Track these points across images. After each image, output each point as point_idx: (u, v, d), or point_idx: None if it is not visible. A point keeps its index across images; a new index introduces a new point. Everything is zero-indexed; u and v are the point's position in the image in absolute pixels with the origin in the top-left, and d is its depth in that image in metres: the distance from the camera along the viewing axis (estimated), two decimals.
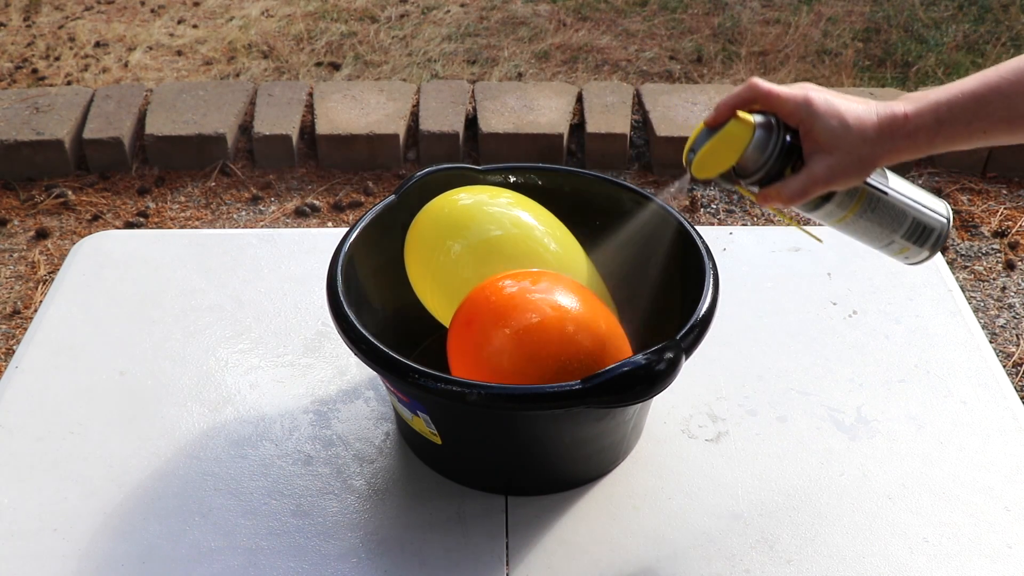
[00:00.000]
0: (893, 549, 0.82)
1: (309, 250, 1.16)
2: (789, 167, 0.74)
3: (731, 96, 0.75)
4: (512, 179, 0.98)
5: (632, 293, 0.96)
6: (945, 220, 0.80)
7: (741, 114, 0.74)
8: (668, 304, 0.90)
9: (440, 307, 0.89)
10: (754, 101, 0.75)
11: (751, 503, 0.86)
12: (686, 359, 0.75)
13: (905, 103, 0.73)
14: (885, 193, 0.77)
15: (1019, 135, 0.72)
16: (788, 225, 0.82)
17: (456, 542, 0.83)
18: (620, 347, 0.82)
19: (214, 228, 2.29)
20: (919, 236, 0.80)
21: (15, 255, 2.24)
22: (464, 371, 0.81)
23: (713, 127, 0.75)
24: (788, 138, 0.74)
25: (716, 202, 2.38)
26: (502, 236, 0.87)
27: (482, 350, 0.80)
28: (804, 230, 0.86)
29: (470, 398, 0.73)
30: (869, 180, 0.77)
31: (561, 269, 0.87)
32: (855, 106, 0.73)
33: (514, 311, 0.80)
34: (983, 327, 1.96)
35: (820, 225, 0.81)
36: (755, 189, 0.77)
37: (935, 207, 0.80)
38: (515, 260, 0.86)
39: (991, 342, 1.98)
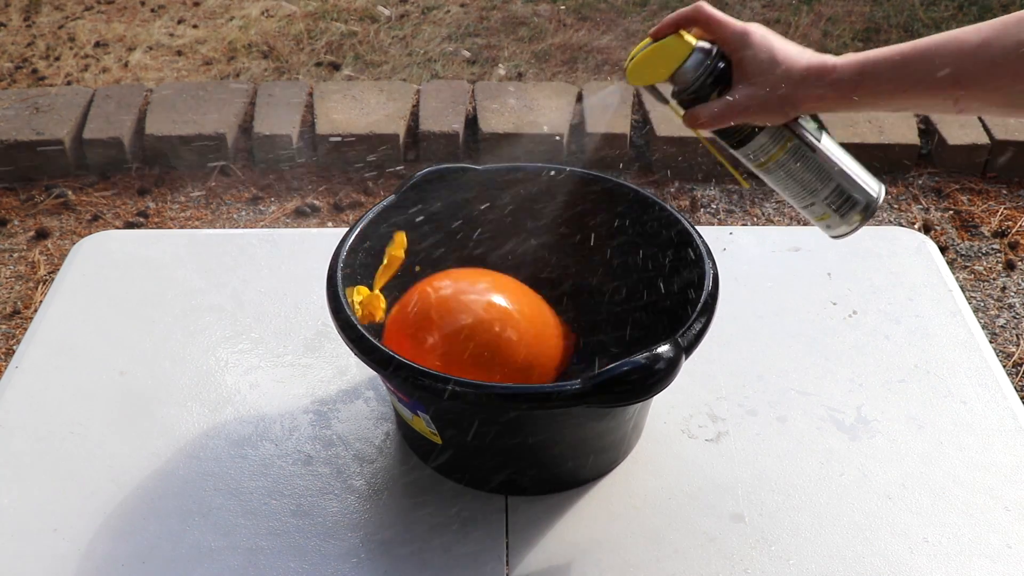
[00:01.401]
0: (893, 549, 0.82)
1: (309, 250, 1.16)
2: (717, 93, 0.78)
3: (677, 13, 0.79)
4: (512, 179, 0.97)
5: (631, 293, 0.96)
6: (874, 195, 0.80)
7: (684, 33, 0.78)
8: (668, 304, 0.89)
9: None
10: (697, 23, 0.78)
11: (751, 503, 0.86)
12: (686, 359, 0.75)
13: (841, 58, 0.75)
14: (813, 149, 0.79)
15: (938, 99, 0.73)
16: (712, 152, 0.84)
17: (456, 542, 0.83)
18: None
19: (214, 228, 2.29)
20: (842, 204, 0.80)
21: (15, 255, 2.24)
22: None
23: (656, 38, 0.79)
24: (721, 65, 0.77)
25: (716, 202, 2.38)
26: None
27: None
28: (731, 168, 0.87)
29: (470, 398, 0.73)
30: (799, 130, 0.79)
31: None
32: (791, 48, 0.76)
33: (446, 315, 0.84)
34: (983, 327, 1.96)
35: (747, 164, 0.83)
36: (683, 108, 0.80)
37: (866, 181, 0.81)
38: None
39: (991, 342, 1.98)
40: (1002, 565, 0.81)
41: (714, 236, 1.16)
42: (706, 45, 0.78)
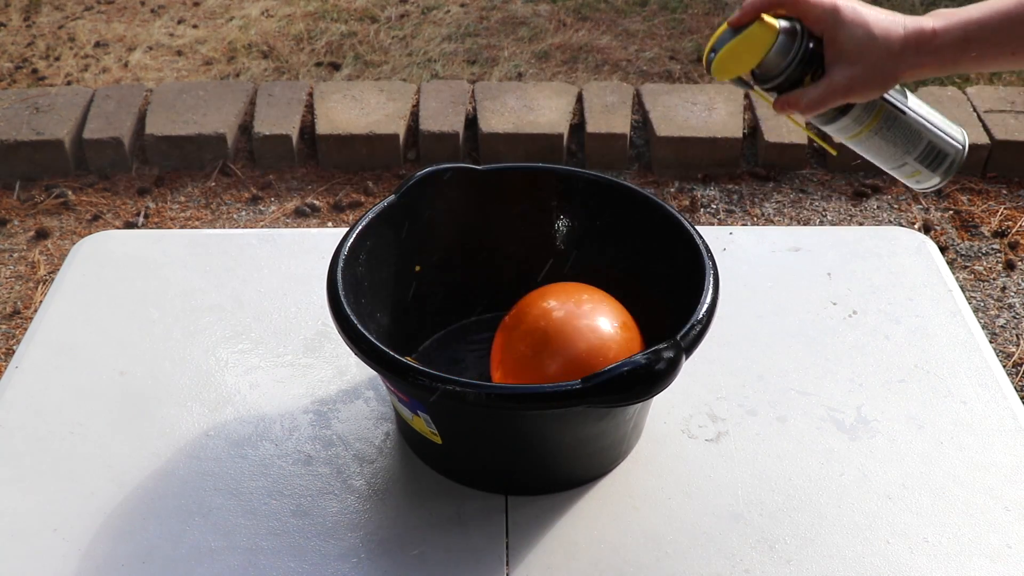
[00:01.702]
0: (893, 549, 0.82)
1: (309, 250, 1.16)
2: (809, 75, 0.74)
3: None
4: (512, 179, 0.97)
5: (632, 293, 0.96)
6: (960, 146, 0.79)
7: (766, 17, 0.73)
8: (668, 304, 0.89)
9: None
10: (781, 5, 0.73)
11: (751, 503, 0.86)
12: (686, 359, 0.75)
13: (935, 19, 0.71)
14: (903, 112, 0.76)
15: None
16: (804, 132, 0.81)
17: (456, 542, 0.83)
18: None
19: (214, 228, 2.29)
20: (932, 160, 0.79)
21: (15, 255, 2.24)
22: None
23: (737, 28, 0.74)
24: (811, 45, 0.73)
25: (716, 202, 2.38)
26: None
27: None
28: (817, 139, 0.85)
29: (470, 398, 0.73)
30: (888, 96, 0.76)
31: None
32: (883, 16, 0.72)
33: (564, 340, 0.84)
34: (983, 327, 1.96)
35: (835, 138, 0.80)
36: (773, 95, 0.76)
37: (952, 132, 0.79)
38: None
39: (991, 342, 1.98)
40: (1002, 565, 0.81)
41: (714, 236, 1.16)
42: (790, 26, 0.73)
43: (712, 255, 0.86)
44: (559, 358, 0.84)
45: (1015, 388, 0.99)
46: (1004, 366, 1.91)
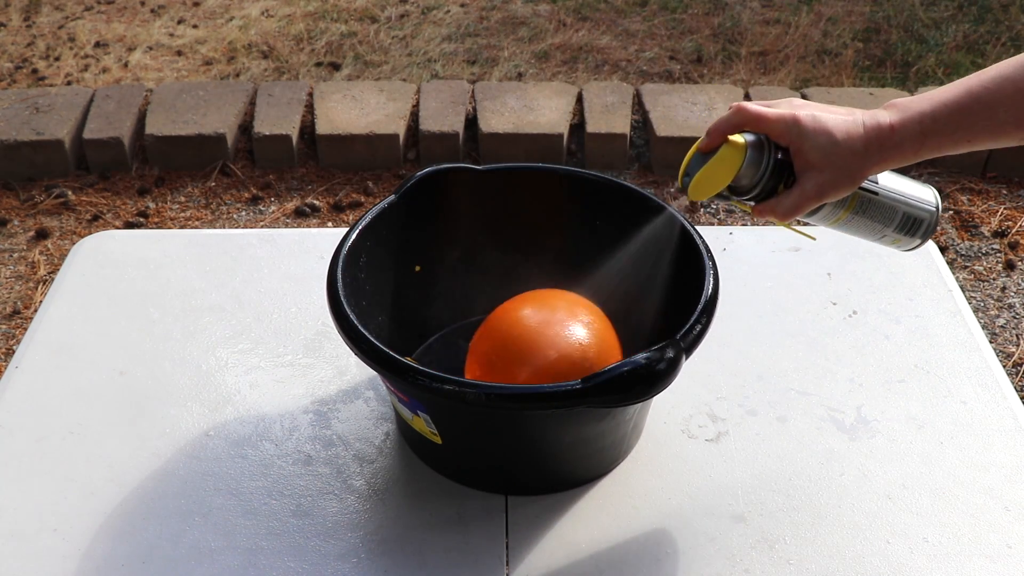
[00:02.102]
0: (893, 549, 0.82)
1: (309, 250, 1.16)
2: (782, 183, 0.77)
3: (721, 121, 0.77)
4: (512, 179, 0.97)
5: (632, 293, 0.96)
6: (934, 209, 0.82)
7: (732, 137, 0.76)
8: (668, 304, 0.89)
9: None
10: (744, 125, 0.77)
11: (751, 503, 0.86)
12: (686, 359, 0.75)
13: (891, 113, 0.74)
14: (876, 194, 0.80)
15: (1004, 141, 0.73)
16: (785, 228, 0.84)
17: (456, 542, 0.83)
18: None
19: (214, 228, 2.29)
20: (909, 228, 0.82)
21: (15, 255, 2.24)
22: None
23: (706, 152, 0.77)
24: (779, 156, 0.76)
25: (716, 202, 2.38)
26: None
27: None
28: (797, 230, 0.88)
29: (470, 398, 0.73)
30: (862, 184, 0.79)
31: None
32: (842, 120, 0.74)
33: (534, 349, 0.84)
34: (983, 327, 1.96)
35: (814, 225, 0.83)
36: (751, 204, 0.79)
37: (924, 197, 0.82)
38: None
39: (991, 342, 1.98)
40: (1002, 565, 0.81)
41: (714, 236, 1.16)
42: (757, 139, 0.76)
43: (712, 255, 0.86)
44: (528, 367, 0.83)
45: (1015, 388, 0.99)
46: (1004, 366, 1.91)
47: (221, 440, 0.92)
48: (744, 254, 1.16)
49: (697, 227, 0.90)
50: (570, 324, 0.86)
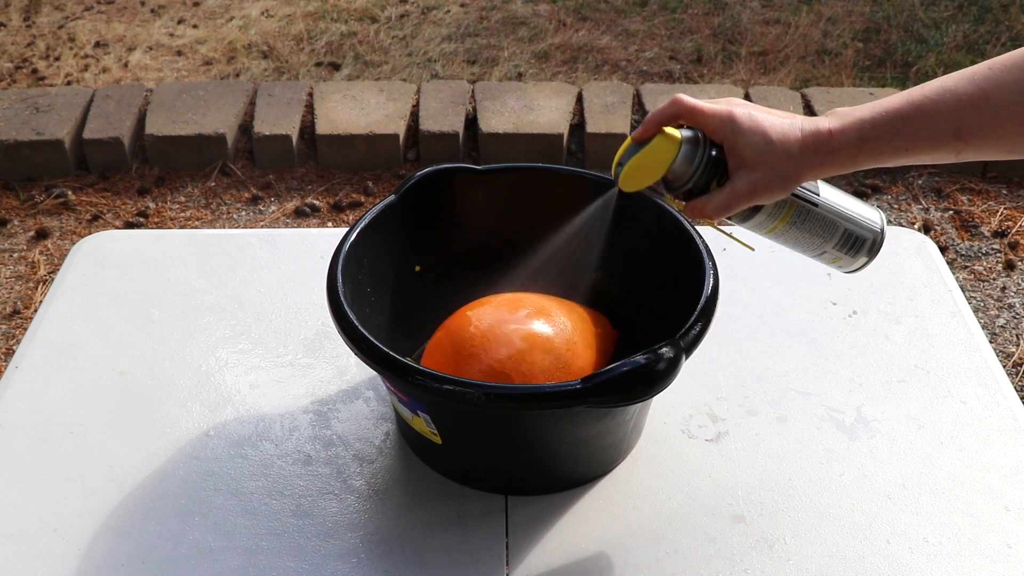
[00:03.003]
0: (893, 549, 0.82)
1: (309, 250, 1.16)
2: (715, 181, 0.75)
3: (657, 112, 0.76)
4: (512, 179, 0.97)
5: (632, 292, 0.96)
6: (878, 230, 0.80)
7: (668, 130, 0.75)
8: (668, 304, 0.89)
9: None
10: (680, 117, 0.76)
11: (751, 503, 0.86)
12: (686, 359, 0.75)
13: (831, 119, 0.73)
14: (815, 205, 0.78)
15: (941, 152, 0.72)
16: (719, 232, 0.83)
17: (456, 542, 0.83)
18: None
19: (214, 228, 2.29)
20: (850, 247, 0.80)
21: (15, 255, 2.24)
22: None
23: (640, 142, 0.76)
24: (714, 153, 0.75)
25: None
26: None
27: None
28: (734, 238, 0.86)
29: (470, 398, 0.73)
30: (799, 192, 0.77)
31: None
32: (779, 121, 0.73)
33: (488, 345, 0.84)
34: (983, 327, 1.96)
35: (753, 233, 0.82)
36: (682, 201, 0.78)
37: (868, 217, 0.80)
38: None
39: (991, 342, 1.98)
40: (1002, 565, 0.81)
41: (714, 236, 1.16)
42: (693, 134, 0.75)
43: (712, 255, 0.86)
44: (476, 365, 0.83)
45: (1015, 388, 0.99)
46: (1004, 366, 1.91)
47: (221, 440, 0.92)
48: (744, 254, 1.16)
49: (697, 227, 0.90)
50: (529, 323, 0.86)
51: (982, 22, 3.19)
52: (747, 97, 2.60)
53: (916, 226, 2.32)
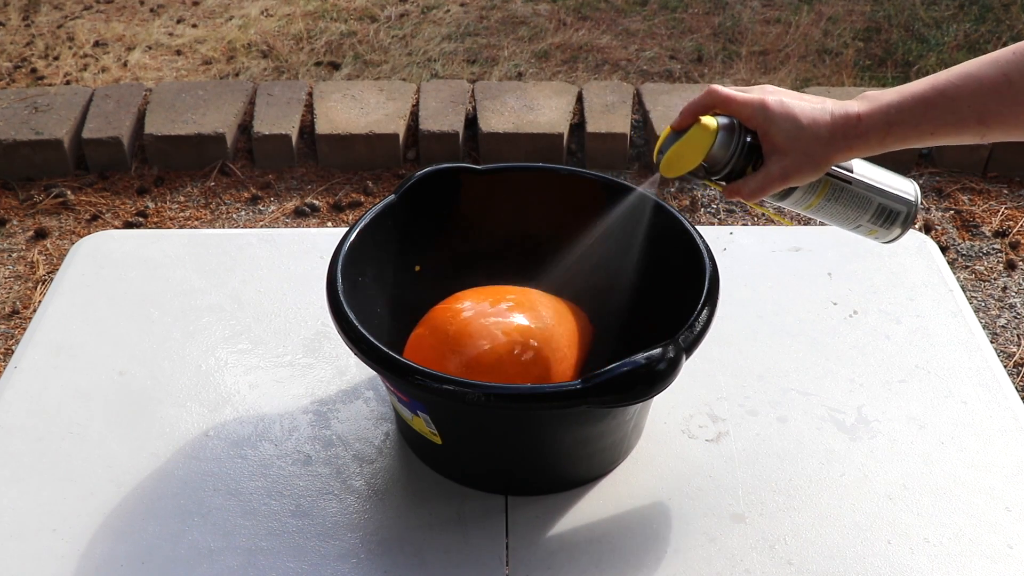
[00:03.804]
0: (894, 549, 0.82)
1: (309, 250, 1.16)
2: (751, 165, 0.79)
3: (693, 102, 0.80)
4: (512, 179, 0.97)
5: (632, 292, 0.96)
6: (912, 202, 0.83)
7: (704, 119, 0.79)
8: (668, 304, 0.89)
9: None
10: (714, 106, 0.79)
11: (751, 503, 0.86)
12: (686, 359, 0.75)
13: (860, 103, 0.76)
14: (849, 182, 0.81)
15: (965, 135, 0.75)
16: (760, 210, 0.86)
17: (456, 542, 0.82)
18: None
19: (213, 228, 2.29)
20: (885, 219, 0.83)
21: (14, 255, 2.24)
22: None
23: (678, 131, 0.80)
24: (748, 139, 0.78)
25: (716, 202, 2.38)
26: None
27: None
28: (772, 214, 0.93)
29: (470, 398, 0.73)
30: (832, 171, 0.81)
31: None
32: (809, 107, 0.76)
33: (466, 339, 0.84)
34: (984, 327, 1.96)
35: (790, 210, 0.85)
36: (722, 184, 0.82)
37: (902, 189, 0.83)
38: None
39: (992, 342, 1.98)
40: (1003, 566, 0.81)
41: (714, 236, 1.16)
42: (728, 122, 0.79)
43: (712, 255, 0.86)
44: (458, 357, 0.83)
45: (1016, 388, 0.99)
46: (1005, 366, 1.91)
47: (220, 440, 0.92)
48: (744, 254, 1.16)
49: (697, 227, 0.90)
50: (509, 316, 0.86)
51: (983, 21, 3.19)
52: None
53: (917, 226, 2.32)
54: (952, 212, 2.37)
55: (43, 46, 3.09)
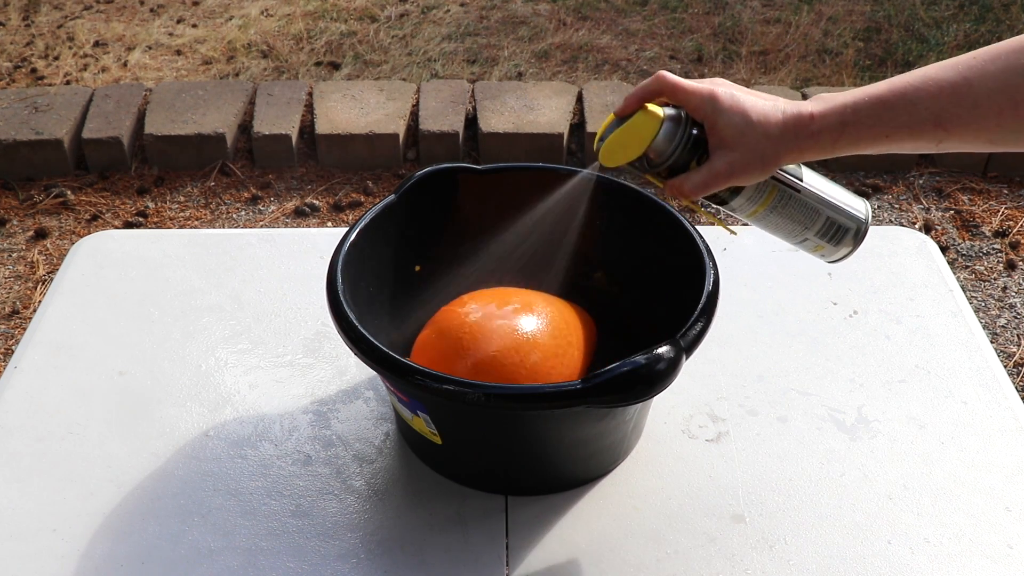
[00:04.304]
0: (894, 550, 0.82)
1: (309, 250, 1.16)
2: (695, 160, 0.75)
3: (639, 87, 0.76)
4: (512, 179, 0.97)
5: (632, 292, 0.96)
6: (862, 220, 0.80)
7: (650, 106, 0.74)
8: (668, 304, 0.89)
9: None
10: (661, 93, 0.75)
11: (751, 503, 0.86)
12: (686, 359, 0.75)
13: (814, 103, 0.73)
14: (798, 190, 0.77)
15: (922, 140, 0.71)
16: (702, 215, 0.81)
17: (456, 542, 0.82)
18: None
19: (213, 228, 2.29)
20: (833, 235, 0.80)
21: (14, 255, 2.24)
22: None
23: (622, 117, 0.76)
24: (695, 132, 0.74)
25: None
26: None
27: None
28: (716, 220, 0.85)
29: (470, 398, 0.73)
30: (781, 176, 0.77)
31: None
32: (761, 103, 0.73)
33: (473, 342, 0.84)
34: (984, 327, 1.96)
35: (735, 218, 0.82)
36: (663, 179, 0.78)
37: (852, 205, 0.80)
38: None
39: (992, 342, 1.98)
40: (1003, 566, 0.81)
41: (714, 236, 1.16)
42: (675, 112, 0.75)
43: (712, 255, 0.86)
44: (466, 360, 0.83)
45: (1016, 388, 0.99)
46: (1005, 366, 1.91)
47: (220, 440, 0.92)
48: (744, 254, 1.16)
49: (697, 227, 0.90)
50: (516, 319, 0.86)
51: (983, 21, 3.19)
52: None
53: (917, 226, 2.32)
54: (952, 212, 2.37)
55: (43, 46, 3.09)
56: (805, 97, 2.60)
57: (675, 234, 0.90)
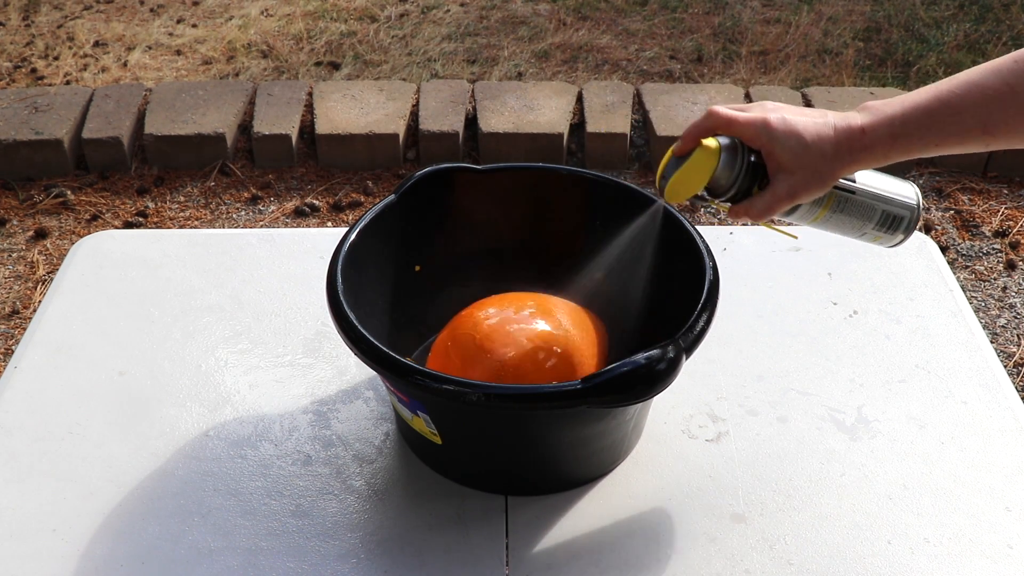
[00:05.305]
0: (894, 549, 0.82)
1: (309, 250, 1.16)
2: (756, 184, 0.78)
3: (694, 125, 0.78)
4: (512, 179, 0.97)
5: (632, 293, 0.96)
6: (914, 206, 0.83)
7: (706, 141, 0.77)
8: (668, 304, 0.89)
9: None
10: (715, 129, 0.78)
11: (751, 503, 0.86)
12: (686, 359, 0.75)
13: (863, 115, 0.75)
14: (853, 193, 0.81)
15: (970, 145, 0.74)
16: (765, 227, 0.85)
17: (456, 542, 0.82)
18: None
19: (213, 228, 2.29)
20: (889, 225, 0.83)
21: (14, 255, 2.24)
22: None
23: (680, 156, 0.78)
24: (752, 158, 0.77)
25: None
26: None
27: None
28: (778, 229, 0.89)
29: (471, 398, 0.73)
30: (838, 183, 0.80)
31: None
32: (812, 122, 0.75)
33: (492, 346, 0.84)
34: (984, 327, 1.96)
35: (795, 224, 0.85)
36: (727, 205, 0.80)
37: (904, 195, 0.83)
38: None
39: (992, 342, 1.98)
40: (1003, 566, 0.81)
41: (714, 236, 1.16)
42: (730, 142, 0.77)
43: (712, 255, 0.86)
44: (484, 364, 0.83)
45: (1016, 388, 0.99)
46: (1005, 366, 1.91)
47: (220, 440, 0.92)
48: (744, 254, 1.16)
49: (697, 227, 0.90)
50: (533, 323, 0.86)
51: (983, 21, 3.19)
52: (747, 97, 2.60)
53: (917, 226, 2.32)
54: (952, 212, 2.37)
55: (43, 46, 3.09)
56: (805, 97, 2.60)
57: (675, 234, 0.90)
